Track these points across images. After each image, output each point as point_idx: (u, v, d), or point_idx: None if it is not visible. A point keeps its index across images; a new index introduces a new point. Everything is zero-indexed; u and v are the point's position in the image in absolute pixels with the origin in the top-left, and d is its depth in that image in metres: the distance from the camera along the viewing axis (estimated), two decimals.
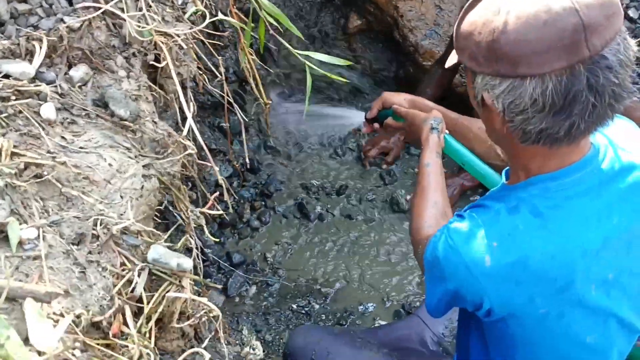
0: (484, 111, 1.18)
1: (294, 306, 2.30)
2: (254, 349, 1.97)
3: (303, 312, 2.29)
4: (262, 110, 2.47)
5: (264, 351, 2.00)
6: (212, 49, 1.76)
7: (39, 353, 0.85)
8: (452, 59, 1.26)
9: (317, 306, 2.30)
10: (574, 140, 1.12)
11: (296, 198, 2.71)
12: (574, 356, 1.27)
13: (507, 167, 1.34)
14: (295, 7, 2.99)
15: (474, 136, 1.64)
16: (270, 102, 1.91)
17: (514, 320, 1.19)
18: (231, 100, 1.84)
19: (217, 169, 1.44)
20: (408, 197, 2.70)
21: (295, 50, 1.75)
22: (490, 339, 1.31)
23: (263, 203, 2.69)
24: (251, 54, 1.84)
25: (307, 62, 1.73)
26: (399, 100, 1.80)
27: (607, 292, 1.23)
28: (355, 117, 2.07)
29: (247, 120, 2.56)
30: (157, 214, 1.37)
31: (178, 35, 1.44)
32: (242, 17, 1.90)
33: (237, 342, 1.97)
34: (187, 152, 1.32)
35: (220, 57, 1.77)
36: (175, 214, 1.47)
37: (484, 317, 1.22)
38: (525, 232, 1.15)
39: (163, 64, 1.41)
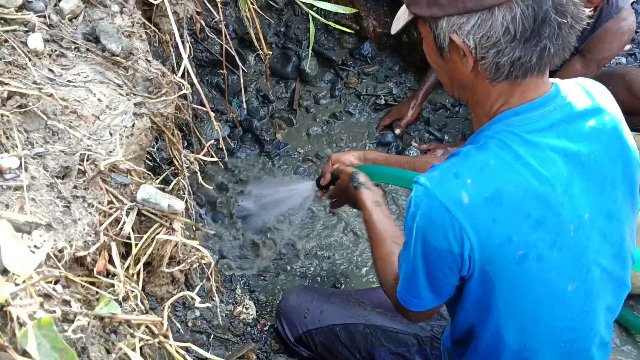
0: (450, 58, 1.16)
1: (289, 267, 2.26)
2: (247, 309, 1.93)
3: (298, 273, 2.25)
4: (263, 61, 2.40)
5: (257, 311, 1.97)
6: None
7: (15, 283, 0.79)
8: (400, 20, 1.24)
9: (312, 268, 2.26)
10: (544, 68, 1.13)
11: (297, 164, 2.66)
12: (555, 310, 1.24)
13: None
14: None
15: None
16: (270, 53, 1.84)
17: (494, 268, 1.18)
18: (231, 50, 1.76)
19: (212, 115, 1.38)
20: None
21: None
22: (472, 306, 1.29)
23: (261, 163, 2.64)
24: (252, 3, 1.77)
25: (310, 11, 1.66)
26: (349, 159, 1.83)
27: (586, 235, 1.21)
28: (306, 189, 2.04)
29: (246, 72, 2.49)
30: (149, 162, 1.32)
31: None
32: None
33: (230, 301, 1.93)
34: (181, 93, 1.25)
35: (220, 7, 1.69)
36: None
37: (466, 274, 1.20)
38: (496, 167, 1.15)
39: (158, 0, 1.34)
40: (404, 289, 1.31)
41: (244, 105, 1.91)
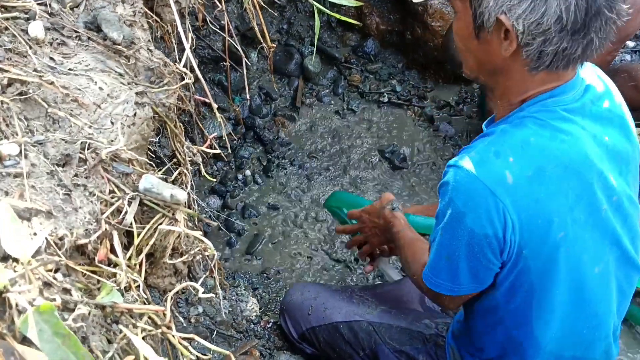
0: (488, 40, 1.12)
1: (295, 265, 2.24)
2: (250, 305, 1.91)
3: (301, 270, 2.23)
4: (266, 57, 2.38)
5: (260, 308, 1.95)
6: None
7: (14, 269, 0.77)
8: None
9: (316, 265, 2.24)
10: (584, 60, 1.12)
11: (300, 162, 2.64)
12: (587, 291, 1.23)
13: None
14: None
15: None
16: (274, 46, 1.82)
17: (534, 251, 1.15)
18: (235, 44, 1.74)
19: (215, 105, 1.36)
20: None
21: None
22: (503, 292, 1.26)
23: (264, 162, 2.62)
24: None
25: (315, 3, 1.65)
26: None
27: (614, 215, 1.21)
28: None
29: (249, 68, 2.47)
30: (151, 158, 1.30)
31: None
32: None
33: (233, 297, 1.91)
34: (184, 82, 1.24)
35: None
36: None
37: (506, 258, 1.17)
38: (537, 144, 1.13)
39: None
40: (439, 275, 1.27)
41: (247, 97, 1.89)
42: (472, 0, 1.11)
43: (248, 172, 2.55)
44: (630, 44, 3.33)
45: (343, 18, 1.75)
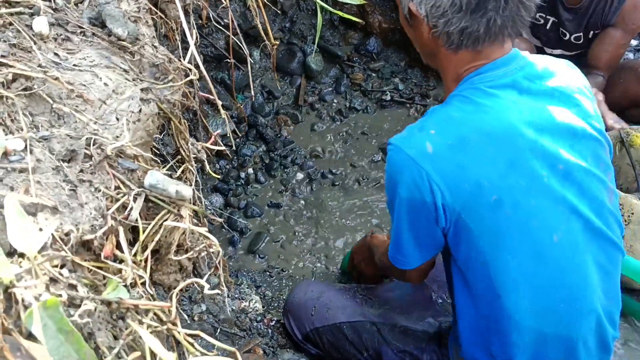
0: (414, 26, 1.27)
1: (298, 263, 2.23)
2: (253, 304, 1.90)
3: (304, 269, 2.22)
4: (269, 54, 2.37)
5: (263, 306, 1.94)
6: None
7: (20, 265, 0.77)
8: None
9: (319, 264, 2.23)
10: (495, 38, 1.21)
11: (303, 161, 2.63)
12: (549, 260, 1.26)
13: None
14: None
15: None
16: (277, 43, 1.82)
17: (470, 216, 1.22)
18: (240, 42, 1.74)
19: (219, 102, 1.35)
20: None
21: None
22: (463, 258, 1.31)
23: (266, 160, 2.61)
24: None
25: (318, 1, 1.64)
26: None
27: (561, 183, 1.24)
28: None
29: (252, 66, 2.46)
30: (155, 151, 1.29)
31: None
32: None
33: (236, 295, 1.91)
34: (189, 78, 1.23)
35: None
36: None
37: (445, 225, 1.24)
38: (459, 117, 1.22)
39: None
40: (392, 248, 1.38)
41: (252, 93, 1.89)
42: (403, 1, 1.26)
43: (250, 170, 2.55)
44: (634, 42, 3.32)
45: (346, 16, 1.74)
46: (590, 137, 1.30)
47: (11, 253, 0.81)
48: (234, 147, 1.96)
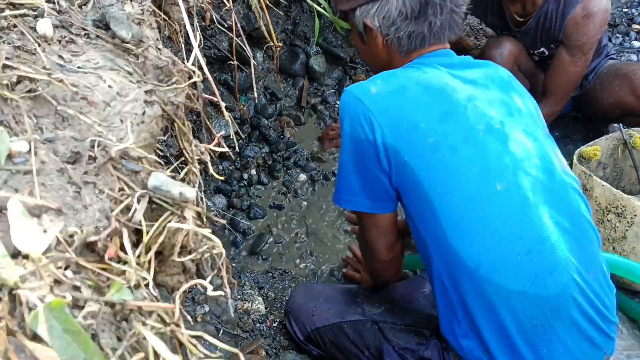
0: (367, 40, 1.50)
1: (300, 264, 2.23)
2: (256, 305, 1.90)
3: (307, 270, 2.22)
4: (272, 56, 2.38)
5: (265, 308, 1.94)
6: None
7: (25, 266, 0.77)
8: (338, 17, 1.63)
9: (322, 266, 2.23)
10: (437, 38, 1.45)
11: (305, 162, 2.63)
12: (495, 207, 1.33)
13: None
14: None
15: None
16: (280, 45, 1.82)
17: (412, 156, 1.32)
18: (243, 44, 1.74)
19: (223, 104, 1.36)
20: None
21: None
22: (415, 210, 1.40)
23: (269, 161, 2.61)
24: None
25: (316, 5, 1.66)
26: None
27: (502, 141, 1.35)
28: None
29: (255, 67, 2.47)
30: (158, 153, 1.29)
31: None
32: None
33: (239, 297, 1.91)
34: (192, 80, 1.23)
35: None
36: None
37: (387, 167, 1.35)
38: (402, 73, 1.41)
39: None
40: (337, 189, 1.48)
41: (255, 95, 1.89)
42: (351, 15, 1.48)
43: (253, 172, 2.55)
44: (636, 43, 3.31)
45: (341, 23, 1.75)
46: (520, 110, 1.45)
47: (15, 255, 0.81)
48: (236, 149, 1.96)
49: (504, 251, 1.32)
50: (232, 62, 1.83)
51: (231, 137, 1.47)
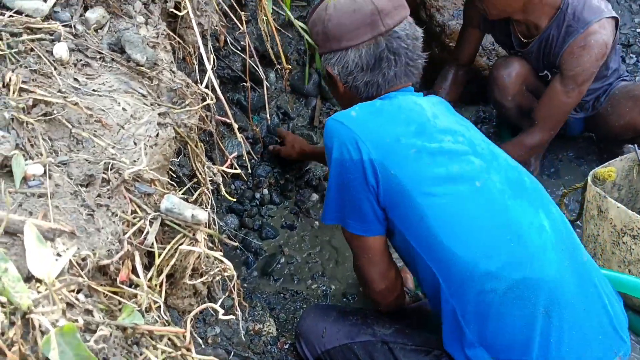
0: (333, 84, 1.66)
1: (312, 285, 2.22)
2: (267, 326, 1.89)
3: (319, 291, 2.21)
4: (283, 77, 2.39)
5: (277, 329, 1.93)
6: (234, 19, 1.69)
7: (38, 290, 0.77)
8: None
9: (333, 287, 2.22)
10: (391, 85, 1.59)
11: (317, 182, 2.63)
12: (480, 199, 1.43)
13: None
14: None
15: None
16: (290, 67, 1.83)
17: (398, 167, 1.42)
18: (256, 65, 1.75)
19: (236, 125, 1.36)
20: None
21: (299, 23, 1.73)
22: (404, 222, 1.46)
23: (281, 181, 2.61)
24: (270, 21, 1.76)
25: (306, 35, 1.68)
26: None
27: (470, 147, 1.51)
28: None
29: (268, 87, 2.49)
30: (171, 174, 1.30)
31: None
32: None
33: (250, 318, 1.90)
34: (205, 103, 1.24)
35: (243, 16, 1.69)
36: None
37: (374, 183, 1.42)
38: (377, 102, 1.54)
39: (183, 12, 1.33)
40: (325, 210, 1.56)
41: (267, 115, 1.91)
42: (323, 65, 1.64)
43: (265, 191, 2.55)
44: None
45: None
46: (469, 126, 1.60)
47: (29, 278, 0.82)
48: (249, 169, 1.97)
49: (494, 239, 1.41)
50: (245, 83, 1.85)
51: (243, 157, 1.47)
